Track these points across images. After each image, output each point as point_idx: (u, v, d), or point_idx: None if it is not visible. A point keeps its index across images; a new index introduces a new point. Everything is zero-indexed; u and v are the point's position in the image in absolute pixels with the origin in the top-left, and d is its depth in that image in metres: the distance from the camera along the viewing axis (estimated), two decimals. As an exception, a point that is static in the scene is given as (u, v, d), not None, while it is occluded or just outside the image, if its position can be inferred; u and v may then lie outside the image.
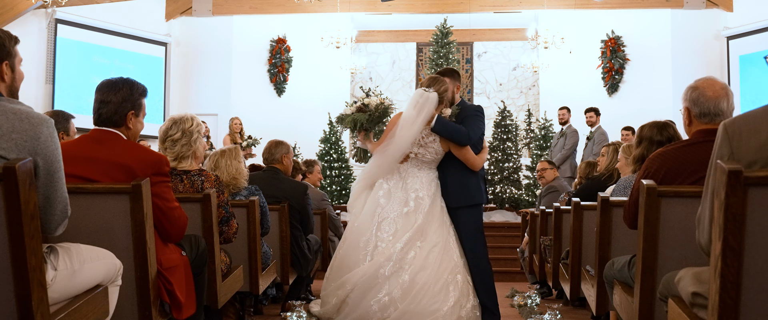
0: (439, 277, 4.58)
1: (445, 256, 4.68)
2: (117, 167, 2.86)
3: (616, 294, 3.31)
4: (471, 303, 4.64)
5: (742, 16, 13.31)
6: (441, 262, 4.64)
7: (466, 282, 4.69)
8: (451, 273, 4.64)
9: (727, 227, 1.90)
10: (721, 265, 1.90)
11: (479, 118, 4.92)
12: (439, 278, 4.58)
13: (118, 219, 2.84)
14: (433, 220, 4.78)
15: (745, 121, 2.03)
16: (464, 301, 4.61)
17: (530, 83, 15.15)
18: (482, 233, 4.97)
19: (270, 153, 5.60)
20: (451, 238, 4.79)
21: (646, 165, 2.92)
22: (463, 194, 4.87)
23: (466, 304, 4.61)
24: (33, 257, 2.09)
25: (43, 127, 2.19)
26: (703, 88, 2.82)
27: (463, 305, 4.59)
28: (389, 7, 14.29)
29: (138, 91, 3.05)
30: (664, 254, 2.78)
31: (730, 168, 1.88)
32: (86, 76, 13.04)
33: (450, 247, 4.74)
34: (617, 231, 3.63)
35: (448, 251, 4.72)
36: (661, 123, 3.75)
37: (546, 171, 7.70)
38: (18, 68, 2.35)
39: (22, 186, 2.04)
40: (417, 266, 4.59)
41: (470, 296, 4.66)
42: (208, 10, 14.42)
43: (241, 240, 4.53)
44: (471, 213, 4.89)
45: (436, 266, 4.61)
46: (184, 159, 3.85)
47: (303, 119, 14.16)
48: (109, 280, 2.63)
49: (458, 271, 4.68)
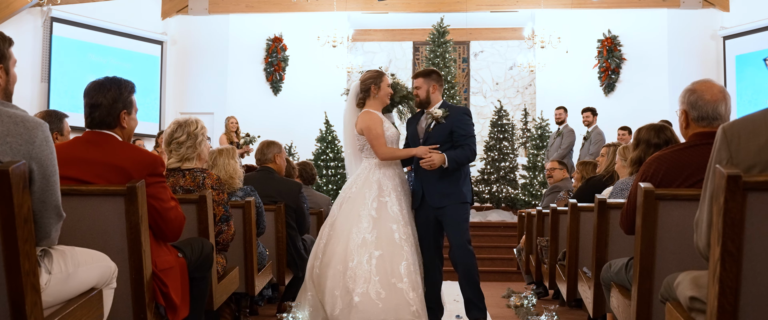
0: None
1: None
2: (111, 168, 2.84)
3: (614, 296, 3.30)
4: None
5: (739, 16, 13.34)
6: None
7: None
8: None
9: (726, 232, 1.89)
10: (720, 270, 1.89)
11: (470, 123, 4.91)
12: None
13: (113, 221, 2.81)
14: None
15: (743, 124, 2.02)
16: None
17: (527, 82, 15.16)
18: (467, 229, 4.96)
19: (263, 153, 5.60)
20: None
21: (644, 169, 2.91)
22: (452, 193, 4.86)
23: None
24: (26, 261, 2.07)
25: (38, 131, 2.17)
26: (702, 91, 2.80)
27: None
28: (386, 6, 14.28)
29: (127, 89, 3.01)
30: (661, 257, 2.77)
31: (729, 172, 1.87)
32: (82, 74, 12.99)
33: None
34: (614, 233, 3.62)
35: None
36: (659, 125, 3.75)
37: (555, 171, 7.64)
38: (12, 70, 2.32)
39: (16, 190, 2.02)
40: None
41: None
42: (204, 8, 14.39)
43: (237, 240, 4.51)
44: (459, 209, 4.87)
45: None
46: (189, 160, 3.95)
47: (299, 118, 14.15)
48: (103, 283, 2.61)
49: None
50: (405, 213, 4.84)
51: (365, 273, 4.57)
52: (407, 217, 4.84)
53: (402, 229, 4.75)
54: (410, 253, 4.69)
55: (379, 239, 4.68)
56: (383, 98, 5.00)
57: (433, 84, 4.95)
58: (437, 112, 4.86)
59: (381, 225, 4.73)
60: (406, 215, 4.85)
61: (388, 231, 4.71)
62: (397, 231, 4.73)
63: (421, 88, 4.95)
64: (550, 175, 7.70)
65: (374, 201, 4.82)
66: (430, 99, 4.95)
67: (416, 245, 4.83)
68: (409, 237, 4.75)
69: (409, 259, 4.65)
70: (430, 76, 4.98)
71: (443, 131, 4.85)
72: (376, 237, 4.68)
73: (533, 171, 12.62)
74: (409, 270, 4.61)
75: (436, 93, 4.98)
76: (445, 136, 4.84)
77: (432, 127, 4.89)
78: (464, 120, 4.88)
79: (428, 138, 4.89)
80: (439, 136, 4.86)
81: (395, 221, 4.76)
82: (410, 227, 4.82)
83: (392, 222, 4.75)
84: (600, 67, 14.14)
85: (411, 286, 4.56)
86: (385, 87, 4.99)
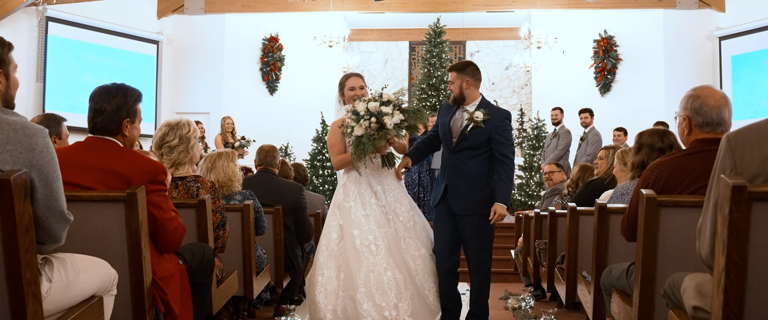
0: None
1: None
2: (112, 175, 2.82)
3: (614, 302, 3.30)
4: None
5: (735, 17, 13.36)
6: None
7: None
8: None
9: (731, 242, 1.89)
10: (725, 280, 1.89)
11: (510, 129, 4.59)
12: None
13: (113, 227, 2.80)
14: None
15: (748, 133, 2.01)
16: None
17: (523, 82, 15.15)
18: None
19: (265, 158, 5.61)
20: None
21: (645, 175, 2.90)
22: (480, 201, 4.58)
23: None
24: (28, 270, 2.06)
25: (39, 137, 2.16)
26: (705, 96, 2.79)
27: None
28: (382, 6, 14.26)
29: (132, 98, 2.97)
30: (663, 264, 2.76)
31: (734, 183, 1.86)
32: (77, 74, 12.96)
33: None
34: (614, 238, 3.62)
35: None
36: (662, 130, 3.74)
37: (554, 173, 7.62)
38: (13, 75, 2.30)
39: (17, 199, 2.00)
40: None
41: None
42: (200, 8, 14.35)
43: (236, 244, 4.50)
44: (484, 222, 4.59)
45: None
46: (181, 165, 3.81)
47: (295, 118, 14.12)
48: (104, 290, 2.60)
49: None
50: (374, 218, 4.60)
51: (334, 289, 4.47)
52: (377, 220, 4.59)
53: (364, 235, 4.53)
54: (371, 261, 4.45)
55: (341, 249, 4.56)
56: (348, 101, 4.76)
57: (466, 79, 4.56)
58: (478, 115, 4.49)
59: (345, 233, 4.59)
60: (377, 217, 4.60)
61: (350, 238, 4.55)
62: (359, 236, 4.53)
63: (454, 82, 4.58)
64: (548, 178, 7.68)
65: (337, 208, 4.69)
66: (464, 95, 4.58)
67: (390, 245, 4.54)
68: (377, 239, 4.52)
69: (369, 265, 4.43)
70: (465, 70, 4.59)
71: (481, 136, 4.52)
72: (340, 246, 4.57)
73: (529, 171, 12.63)
74: (368, 278, 4.40)
75: (472, 88, 4.58)
76: (482, 141, 4.52)
77: (469, 129, 4.55)
78: (505, 126, 4.54)
79: (463, 140, 4.56)
80: (475, 139, 4.53)
81: (357, 226, 4.57)
82: (384, 229, 4.58)
83: (354, 228, 4.57)
84: (596, 67, 14.14)
85: (367, 296, 4.36)
86: (346, 91, 4.78)
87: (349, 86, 4.80)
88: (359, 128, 4.47)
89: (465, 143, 4.56)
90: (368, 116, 4.47)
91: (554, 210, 5.34)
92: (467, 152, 4.56)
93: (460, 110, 4.64)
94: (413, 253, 4.61)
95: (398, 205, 4.74)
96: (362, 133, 4.47)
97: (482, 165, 4.58)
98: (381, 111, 4.47)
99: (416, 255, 4.61)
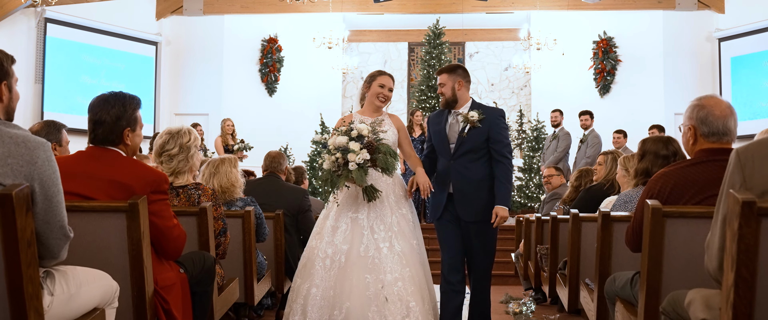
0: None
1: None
2: (115, 185, 2.79)
3: (618, 311, 3.28)
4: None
5: (734, 18, 13.36)
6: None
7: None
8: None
9: (740, 258, 1.87)
10: (734, 297, 1.88)
11: (506, 127, 4.50)
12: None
13: (115, 238, 2.78)
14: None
15: (758, 148, 2.00)
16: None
17: (522, 84, 15.14)
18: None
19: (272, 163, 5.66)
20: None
21: (650, 186, 2.88)
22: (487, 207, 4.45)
23: None
24: (30, 285, 2.04)
25: (40, 150, 2.14)
26: (711, 106, 2.77)
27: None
28: (381, 7, 14.24)
29: (131, 106, 2.93)
30: (668, 274, 2.75)
31: (743, 198, 1.85)
32: (76, 75, 12.93)
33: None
34: (618, 246, 3.59)
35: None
36: (666, 137, 3.72)
37: (553, 177, 7.57)
38: (15, 88, 2.29)
39: (19, 213, 1.99)
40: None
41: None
42: (199, 9, 14.32)
43: (237, 251, 4.48)
44: (491, 230, 4.51)
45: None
46: (181, 174, 3.76)
47: (294, 119, 14.11)
48: (105, 303, 2.58)
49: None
50: (341, 232, 4.36)
51: (293, 296, 4.36)
52: (345, 235, 4.35)
53: (323, 247, 4.34)
54: (321, 275, 4.24)
55: (304, 257, 4.47)
56: (371, 99, 4.64)
57: (458, 80, 4.48)
58: (473, 115, 4.41)
59: (311, 240, 4.50)
60: (346, 232, 4.36)
61: (310, 247, 4.44)
62: (317, 247, 4.37)
63: (445, 85, 4.49)
64: (547, 182, 7.64)
65: (324, 219, 4.55)
66: (456, 97, 4.49)
67: (352, 264, 4.27)
68: (336, 255, 4.29)
69: (316, 280, 4.24)
70: (455, 72, 4.51)
71: (479, 136, 4.43)
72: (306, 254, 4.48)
73: (529, 173, 12.62)
74: (309, 292, 4.21)
75: (463, 90, 4.51)
76: (481, 142, 4.43)
77: (466, 131, 4.45)
78: (500, 124, 4.45)
79: (463, 143, 4.45)
80: (474, 141, 4.43)
81: (320, 236, 4.42)
82: (350, 246, 4.32)
83: (316, 238, 4.44)
84: (595, 68, 14.14)
85: (300, 310, 4.21)
86: (375, 86, 4.61)
87: (379, 82, 4.62)
88: (327, 162, 4.27)
89: (464, 147, 4.45)
90: (335, 150, 4.25)
91: (556, 216, 5.32)
92: (468, 156, 4.46)
93: (453, 114, 4.54)
94: (382, 277, 4.23)
95: (380, 224, 4.42)
96: (328, 167, 4.27)
97: (485, 169, 4.48)
98: (347, 147, 4.21)
99: (390, 280, 4.21)
